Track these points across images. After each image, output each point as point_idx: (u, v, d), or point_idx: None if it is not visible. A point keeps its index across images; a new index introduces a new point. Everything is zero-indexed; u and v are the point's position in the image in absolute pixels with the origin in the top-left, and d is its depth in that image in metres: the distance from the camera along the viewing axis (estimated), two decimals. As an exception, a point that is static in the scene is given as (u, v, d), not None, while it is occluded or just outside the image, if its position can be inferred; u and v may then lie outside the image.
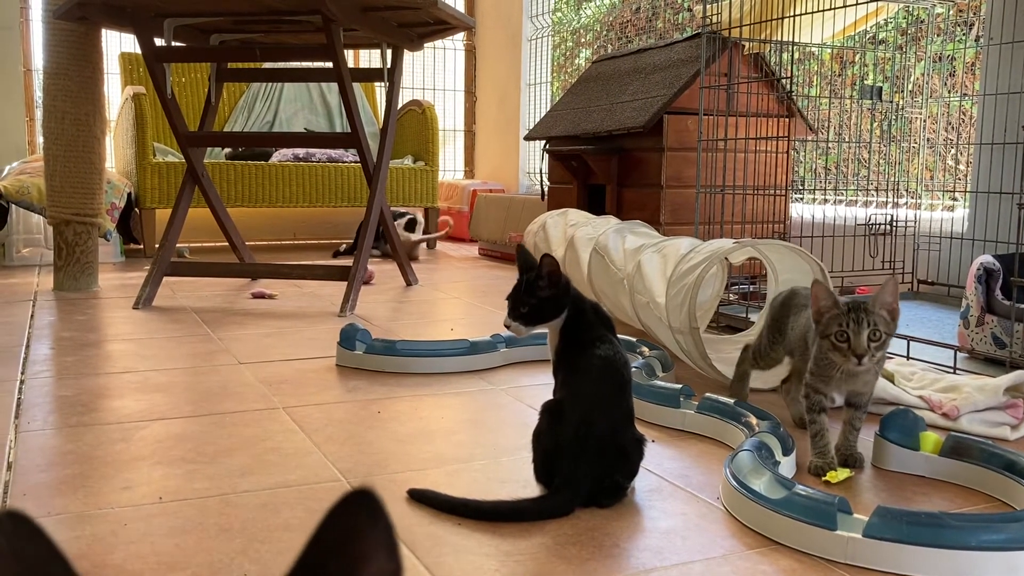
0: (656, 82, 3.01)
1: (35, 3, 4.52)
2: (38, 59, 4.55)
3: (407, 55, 3.05)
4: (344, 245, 4.48)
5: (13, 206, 3.69)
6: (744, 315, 2.33)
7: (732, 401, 1.49)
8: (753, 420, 1.40)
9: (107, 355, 2.07)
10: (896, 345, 1.99)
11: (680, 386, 1.57)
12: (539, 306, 1.23)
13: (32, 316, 2.54)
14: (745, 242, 1.85)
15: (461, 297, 3.06)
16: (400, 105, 4.90)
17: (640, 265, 2.07)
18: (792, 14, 2.51)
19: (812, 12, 2.47)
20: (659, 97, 2.90)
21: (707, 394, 1.53)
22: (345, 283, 2.75)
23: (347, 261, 3.13)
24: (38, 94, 4.57)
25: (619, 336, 1.27)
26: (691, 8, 4.49)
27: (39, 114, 4.57)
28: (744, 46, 2.85)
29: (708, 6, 2.66)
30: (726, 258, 2.05)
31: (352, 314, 2.65)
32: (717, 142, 2.59)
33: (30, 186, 3.58)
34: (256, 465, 1.31)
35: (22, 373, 1.87)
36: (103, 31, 2.97)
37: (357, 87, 5.04)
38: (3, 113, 4.46)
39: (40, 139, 4.52)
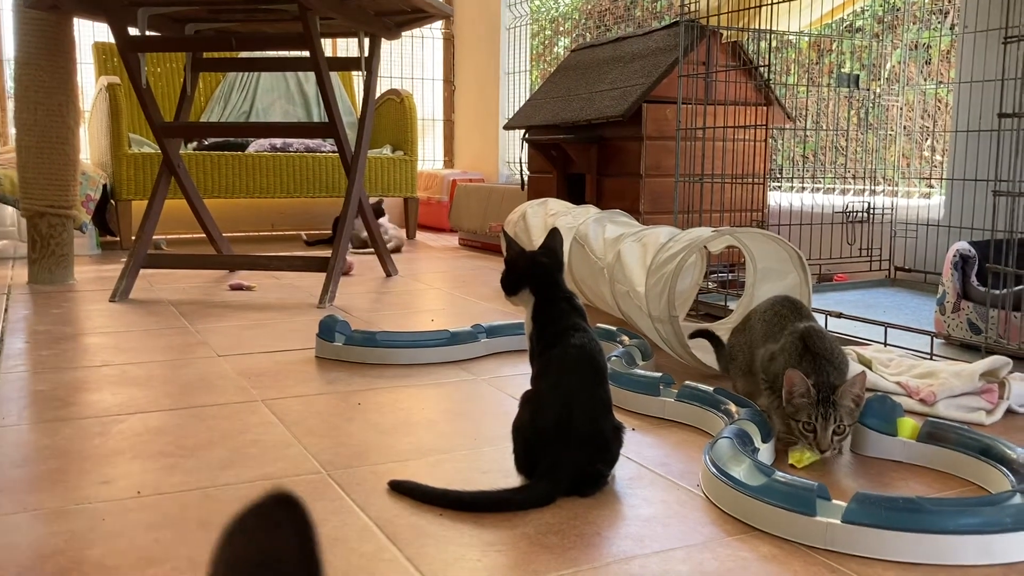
0: (635, 71, 3.01)
1: (6, -8, 4.45)
2: (9, 49, 4.48)
3: (385, 44, 3.03)
4: (305, 235, 4.46)
5: (-14, 198, 3.64)
6: (723, 303, 2.34)
7: (711, 389, 1.49)
8: (732, 408, 1.41)
9: (84, 348, 2.05)
10: (874, 332, 2.01)
11: (660, 374, 1.57)
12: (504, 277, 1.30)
13: (6, 310, 2.51)
14: (724, 231, 1.85)
15: (441, 287, 3.06)
16: (378, 94, 4.87)
17: (620, 254, 2.07)
18: (769, 2, 2.51)
19: (790, 0, 2.47)
20: (638, 86, 2.90)
21: (687, 382, 1.54)
22: (324, 274, 2.73)
23: (325, 252, 3.11)
24: (9, 84, 4.50)
25: (599, 325, 1.28)
26: (669, -4, 4.48)
27: (10, 105, 4.51)
28: (722, 34, 2.85)
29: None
30: (705, 247, 2.06)
31: (331, 305, 2.64)
32: (696, 131, 2.60)
33: (2, 178, 3.53)
34: (236, 458, 1.30)
35: (-3, 367, 1.85)
36: (76, 20, 2.93)
37: (335, 76, 5.01)
38: (-26, 104, 4.39)
39: (12, 130, 4.46)
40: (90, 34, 4.59)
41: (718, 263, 2.72)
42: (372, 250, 3.36)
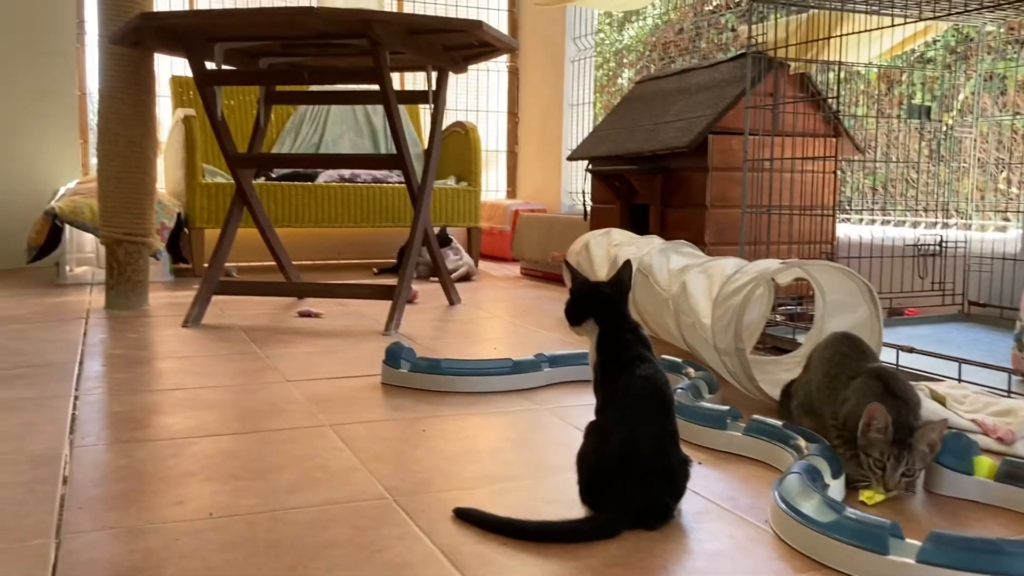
0: (700, 102, 3.01)
1: (91, 29, 4.64)
2: (92, 83, 4.67)
3: (451, 77, 3.08)
4: (375, 268, 4.54)
5: (67, 226, 3.78)
6: (791, 336, 2.31)
7: (780, 423, 1.47)
8: (802, 442, 1.39)
9: (158, 372, 2.11)
10: (947, 367, 1.95)
11: (727, 407, 1.55)
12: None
13: (85, 334, 2.59)
14: (792, 263, 1.83)
15: (503, 316, 3.07)
16: (444, 126, 4.95)
17: (685, 285, 2.06)
18: (839, 34, 2.49)
19: (859, 32, 2.45)
20: (703, 117, 2.89)
21: (754, 416, 1.52)
22: (389, 302, 2.77)
23: (391, 280, 3.16)
24: (91, 117, 4.69)
25: (664, 356, 1.27)
26: (735, 28, 4.48)
27: (92, 136, 4.69)
28: (790, 66, 2.83)
29: (753, 26, 2.66)
30: (773, 279, 2.03)
31: (396, 333, 2.67)
32: (763, 162, 2.58)
33: (84, 206, 3.67)
34: (304, 482, 1.32)
35: (76, 389, 1.91)
36: (155, 55, 3.04)
37: (402, 109, 5.10)
38: (58, 135, 4.58)
39: (93, 161, 4.64)
40: (168, 68, 4.76)
41: (786, 296, 2.68)
42: (435, 278, 3.40)
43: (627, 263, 1.31)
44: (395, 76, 4.78)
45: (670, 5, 5.04)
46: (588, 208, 3.70)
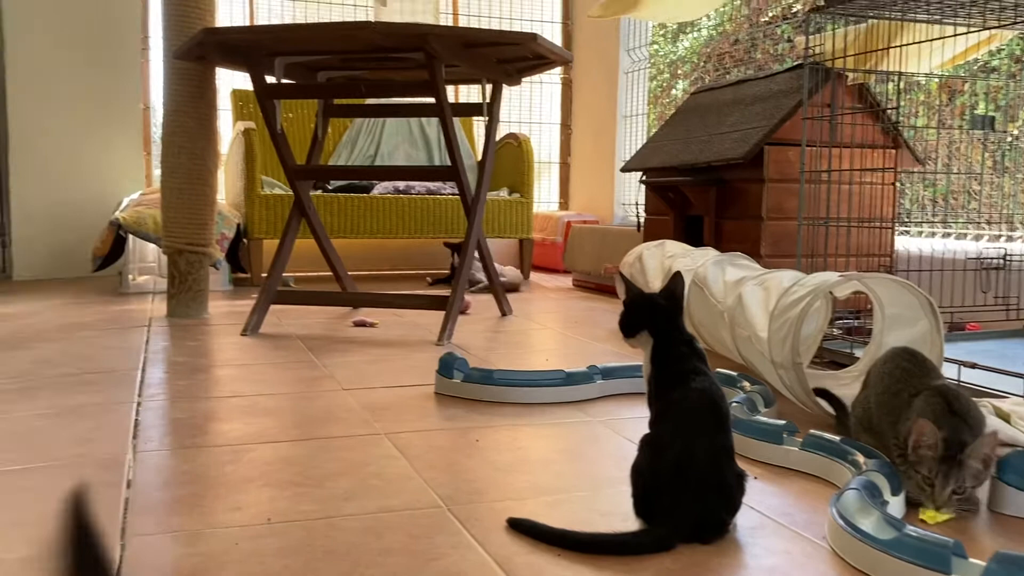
0: (756, 113, 2.99)
1: (155, 44, 4.77)
2: (155, 97, 4.80)
3: (505, 89, 3.10)
4: (429, 279, 4.58)
5: (130, 236, 3.88)
6: (849, 350, 2.27)
7: (838, 438, 1.45)
8: (860, 458, 1.36)
9: (217, 379, 2.16)
10: (1011, 384, 1.91)
11: (783, 422, 1.53)
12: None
13: (147, 341, 2.66)
14: (851, 275, 1.81)
15: (555, 328, 3.07)
16: (497, 138, 4.97)
17: (741, 298, 2.04)
18: (899, 44, 2.45)
19: (920, 42, 2.41)
20: (759, 128, 2.87)
21: (811, 431, 1.50)
22: (443, 312, 2.79)
23: (444, 291, 3.18)
24: (154, 130, 4.81)
25: (719, 370, 1.26)
26: (791, 39, 4.43)
27: (155, 149, 4.81)
28: (848, 77, 2.80)
29: (810, 37, 2.63)
30: (830, 292, 2.01)
31: (449, 343, 2.69)
32: (820, 173, 2.55)
33: (147, 217, 3.76)
34: (360, 489, 1.34)
35: (139, 396, 1.96)
36: (218, 69, 3.11)
37: (456, 121, 5.14)
38: (123, 148, 4.71)
39: (156, 172, 4.76)
40: (229, 82, 4.86)
41: (843, 309, 2.64)
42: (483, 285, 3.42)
43: (678, 274, 1.30)
44: (449, 89, 4.83)
45: (725, 16, 5.02)
46: (641, 219, 3.68)
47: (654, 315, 1.27)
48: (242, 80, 4.79)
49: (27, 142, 4.53)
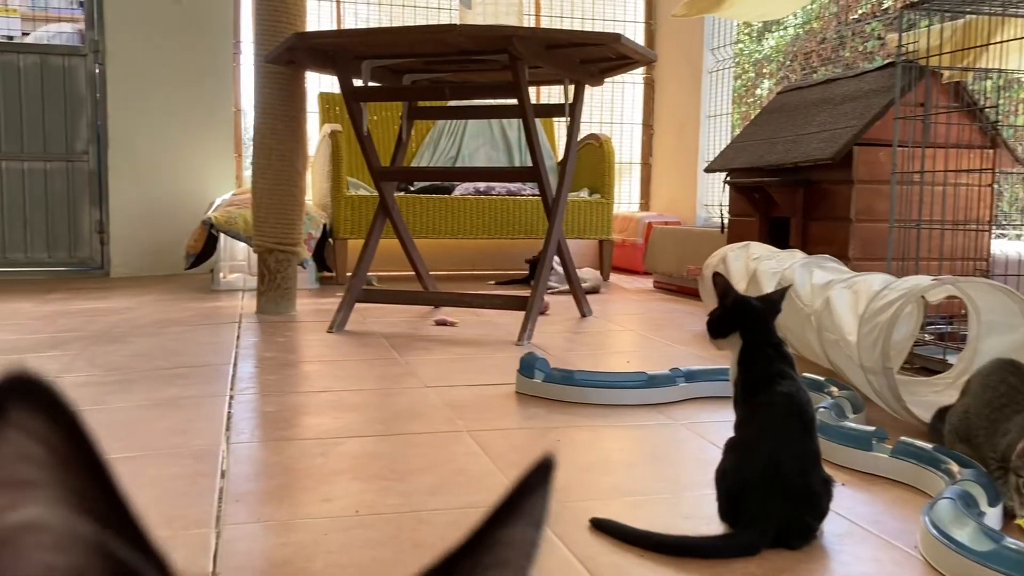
0: (845, 113, 2.92)
1: (246, 49, 4.91)
2: (246, 100, 4.94)
3: (587, 89, 3.10)
4: (492, 281, 4.59)
5: (222, 234, 4.01)
6: (941, 356, 2.21)
7: (930, 446, 1.41)
8: (954, 467, 1.32)
9: (305, 375, 2.21)
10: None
11: (873, 428, 1.50)
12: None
13: (238, 337, 2.74)
14: (945, 280, 1.75)
15: (636, 330, 3.06)
16: (579, 139, 4.97)
17: (829, 301, 2.00)
18: (999, 40, 2.37)
19: (1021, 38, 2.32)
20: (849, 128, 2.80)
21: (902, 438, 1.46)
22: (522, 313, 2.80)
23: (523, 291, 3.19)
24: (245, 132, 4.96)
25: (806, 374, 1.24)
26: (881, 36, 4.31)
27: (245, 150, 4.96)
28: (942, 74, 2.71)
29: (903, 34, 2.56)
30: (923, 296, 1.95)
31: (529, 343, 2.70)
32: (912, 175, 2.48)
33: (237, 217, 3.88)
34: (444, 485, 1.36)
35: (231, 389, 2.02)
36: (306, 73, 3.19)
37: (537, 122, 5.16)
38: (215, 150, 4.86)
39: (246, 173, 4.90)
40: (316, 85, 4.98)
41: (935, 314, 2.56)
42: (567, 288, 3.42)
43: (786, 289, 1.29)
44: (531, 90, 4.85)
45: (813, 14, 4.91)
46: (725, 221, 3.64)
47: (747, 317, 1.26)
48: (329, 83, 4.89)
49: (125, 144, 4.72)
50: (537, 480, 0.30)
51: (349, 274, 3.35)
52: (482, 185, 4.64)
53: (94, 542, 0.25)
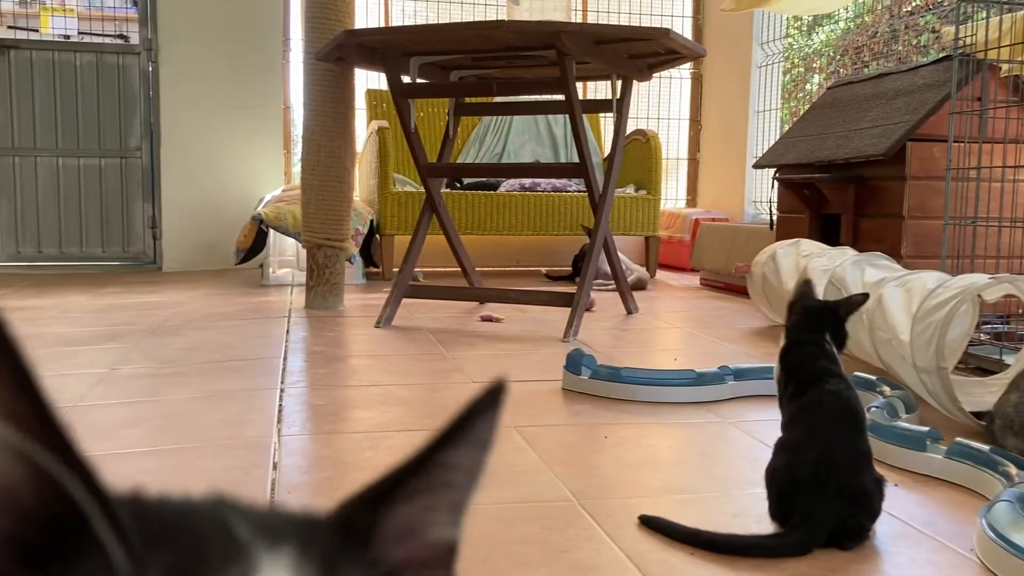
0: (899, 108, 2.87)
1: (295, 47, 4.97)
2: (295, 97, 5.00)
3: (633, 85, 3.09)
4: (545, 269, 4.59)
5: (271, 230, 4.06)
6: (998, 356, 2.16)
7: (987, 447, 1.38)
8: (1012, 469, 1.30)
9: (353, 369, 2.24)
10: None
11: (926, 428, 1.48)
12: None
13: (287, 331, 2.78)
14: (1003, 278, 1.72)
15: (683, 327, 3.04)
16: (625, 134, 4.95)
17: (881, 299, 1.97)
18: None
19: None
20: (902, 123, 2.75)
21: (958, 439, 1.43)
22: (568, 309, 2.80)
23: (569, 288, 3.19)
24: (293, 129, 5.02)
25: (857, 373, 1.23)
26: (936, 30, 4.23)
27: (294, 147, 5.02)
28: (1001, 68, 2.65)
29: (960, 27, 2.51)
30: (979, 295, 1.91)
31: (575, 340, 2.70)
32: (968, 171, 2.43)
33: (286, 212, 3.93)
34: (491, 480, 1.36)
35: (281, 382, 2.05)
36: (355, 70, 3.22)
37: (583, 117, 5.15)
38: (265, 146, 4.93)
39: (295, 169, 4.96)
40: (363, 82, 5.02)
41: (992, 313, 2.51)
42: (613, 285, 3.42)
43: (863, 296, 1.28)
44: (578, 85, 4.85)
45: (864, 8, 4.83)
46: (774, 217, 3.60)
47: (790, 315, 1.25)
48: (376, 80, 4.93)
49: (177, 141, 4.81)
50: (486, 403, 0.31)
51: (395, 270, 3.38)
52: (527, 181, 4.64)
53: (17, 449, 0.25)
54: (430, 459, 0.30)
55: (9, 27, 5.16)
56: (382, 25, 5.06)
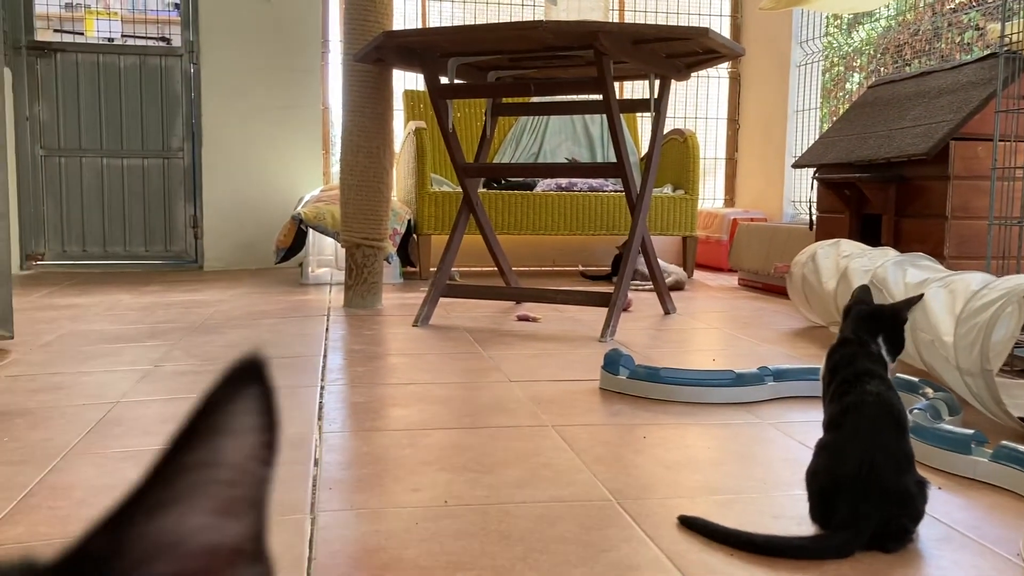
0: (942, 106, 2.83)
1: (333, 48, 5.01)
2: (333, 98, 5.04)
3: (671, 84, 3.07)
4: (582, 265, 4.58)
5: (310, 230, 4.10)
6: (1043, 359, 2.12)
7: (1033, 452, 1.36)
8: (1059, 474, 1.28)
9: (392, 367, 2.25)
10: None
11: (971, 431, 1.46)
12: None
13: (327, 329, 2.81)
14: (1049, 279, 1.69)
15: (721, 328, 3.02)
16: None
17: (924, 300, 1.94)
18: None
19: None
20: (945, 122, 2.71)
21: (1003, 442, 1.41)
22: (605, 309, 2.80)
23: (606, 287, 3.19)
24: (332, 130, 5.06)
25: (899, 375, 1.22)
26: (980, 27, 4.16)
27: (333, 148, 5.06)
28: (1048, 65, 2.60)
29: (1006, 24, 2.47)
30: (1024, 296, 1.88)
31: (612, 340, 2.69)
32: (1015, 170, 2.39)
33: (325, 212, 3.97)
34: (530, 478, 1.37)
35: (322, 380, 2.07)
36: (393, 71, 3.24)
37: (621, 117, 5.13)
38: (304, 147, 4.98)
39: (334, 170, 5.01)
40: (401, 83, 5.04)
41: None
42: (650, 286, 3.41)
43: (918, 297, 1.28)
44: (615, 85, 4.83)
45: (907, 5, 4.76)
46: (814, 217, 3.56)
47: (845, 314, 1.25)
48: (414, 81, 4.96)
49: (218, 142, 4.88)
50: (236, 385, 0.28)
51: (432, 269, 3.40)
52: (563, 181, 4.64)
53: None
54: (169, 466, 0.27)
55: (55, 30, 5.28)
56: (419, 26, 5.08)
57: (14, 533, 1.14)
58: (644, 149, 5.04)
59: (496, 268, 3.51)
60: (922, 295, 1.28)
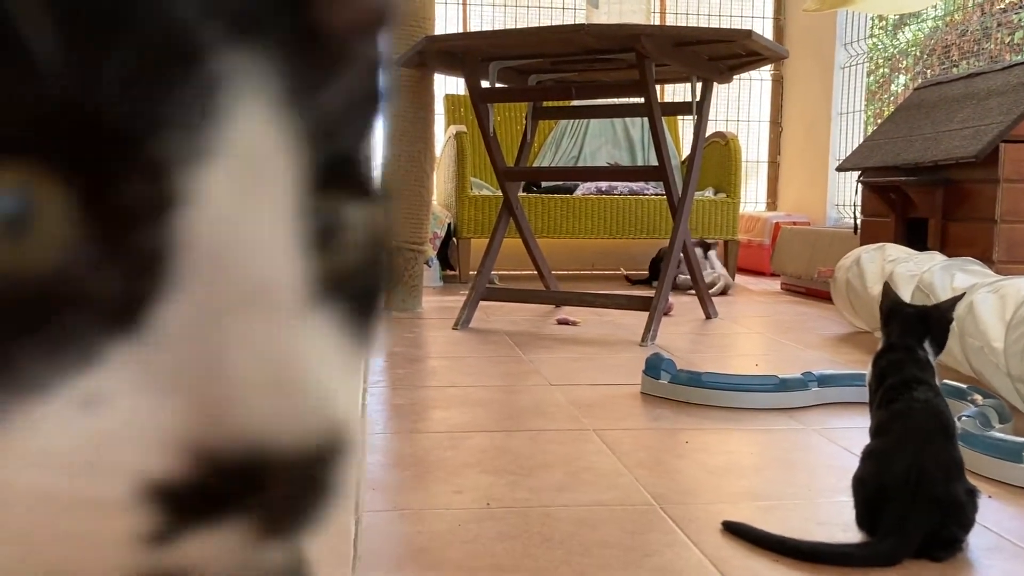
0: (991, 108, 2.78)
1: (376, 53, 5.05)
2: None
3: (714, 87, 3.06)
4: (624, 268, 4.56)
5: (352, 233, 4.13)
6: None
7: (1087, 461, 1.33)
8: (1115, 484, 1.25)
9: (432, 370, 2.27)
10: None
11: (1023, 439, 1.43)
12: None
13: (368, 332, 2.83)
14: (1104, 284, 1.65)
15: (764, 332, 2.99)
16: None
17: (972, 306, 1.91)
18: None
19: None
20: (995, 124, 2.67)
21: (1056, 451, 1.38)
22: (646, 313, 2.78)
23: (646, 292, 3.18)
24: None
25: (946, 381, 1.20)
26: (1031, 26, 4.07)
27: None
28: (1102, 66, 2.55)
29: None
30: (1078, 301, 1.84)
31: (653, 344, 2.68)
32: (1066, 173, 2.34)
33: (367, 216, 4.00)
34: (572, 482, 1.37)
35: (364, 382, 2.09)
36: (434, 76, 3.26)
37: (661, 120, 5.11)
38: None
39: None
40: (441, 87, 5.07)
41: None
42: (692, 291, 3.39)
43: (961, 296, 1.26)
44: (657, 88, 4.81)
45: (954, 5, 4.69)
46: (858, 221, 3.52)
47: (888, 318, 1.23)
48: (454, 85, 4.99)
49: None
50: None
51: (472, 272, 3.41)
52: (604, 185, 4.63)
53: None
54: None
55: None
56: (460, 30, 5.11)
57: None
58: (685, 152, 5.01)
59: (536, 272, 3.51)
60: (963, 293, 1.26)
